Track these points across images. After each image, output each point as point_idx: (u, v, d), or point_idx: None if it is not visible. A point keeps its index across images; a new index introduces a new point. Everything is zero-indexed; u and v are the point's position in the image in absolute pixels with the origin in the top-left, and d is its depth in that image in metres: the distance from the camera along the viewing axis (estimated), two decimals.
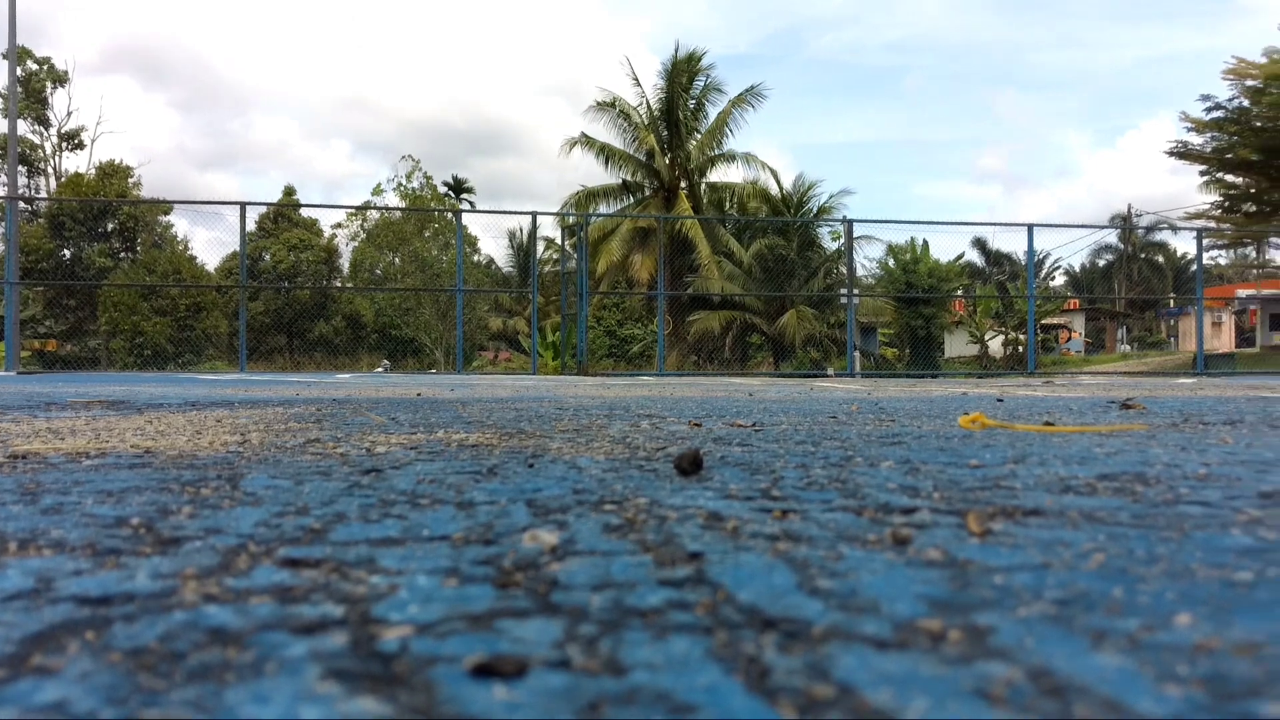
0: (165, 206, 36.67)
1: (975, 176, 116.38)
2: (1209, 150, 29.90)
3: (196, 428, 3.17)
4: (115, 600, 0.74)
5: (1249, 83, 27.85)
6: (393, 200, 39.23)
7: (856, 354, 31.91)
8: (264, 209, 36.05)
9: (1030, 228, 18.84)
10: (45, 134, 38.97)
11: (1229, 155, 29.33)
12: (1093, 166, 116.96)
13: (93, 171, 34.34)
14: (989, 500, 1.28)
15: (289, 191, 38.06)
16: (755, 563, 0.84)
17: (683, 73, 32.97)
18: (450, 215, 39.21)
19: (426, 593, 0.75)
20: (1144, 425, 3.01)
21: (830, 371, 17.40)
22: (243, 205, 17.58)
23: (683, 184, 34.41)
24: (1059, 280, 63.24)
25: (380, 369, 21.19)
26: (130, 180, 33.41)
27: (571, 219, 26.80)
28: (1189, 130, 29.83)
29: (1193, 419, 3.39)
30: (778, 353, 32.86)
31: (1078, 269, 62.73)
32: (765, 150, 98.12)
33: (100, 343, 30.67)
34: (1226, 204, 32.14)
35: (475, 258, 44.77)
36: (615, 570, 0.82)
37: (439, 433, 2.86)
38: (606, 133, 33.72)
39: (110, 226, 31.95)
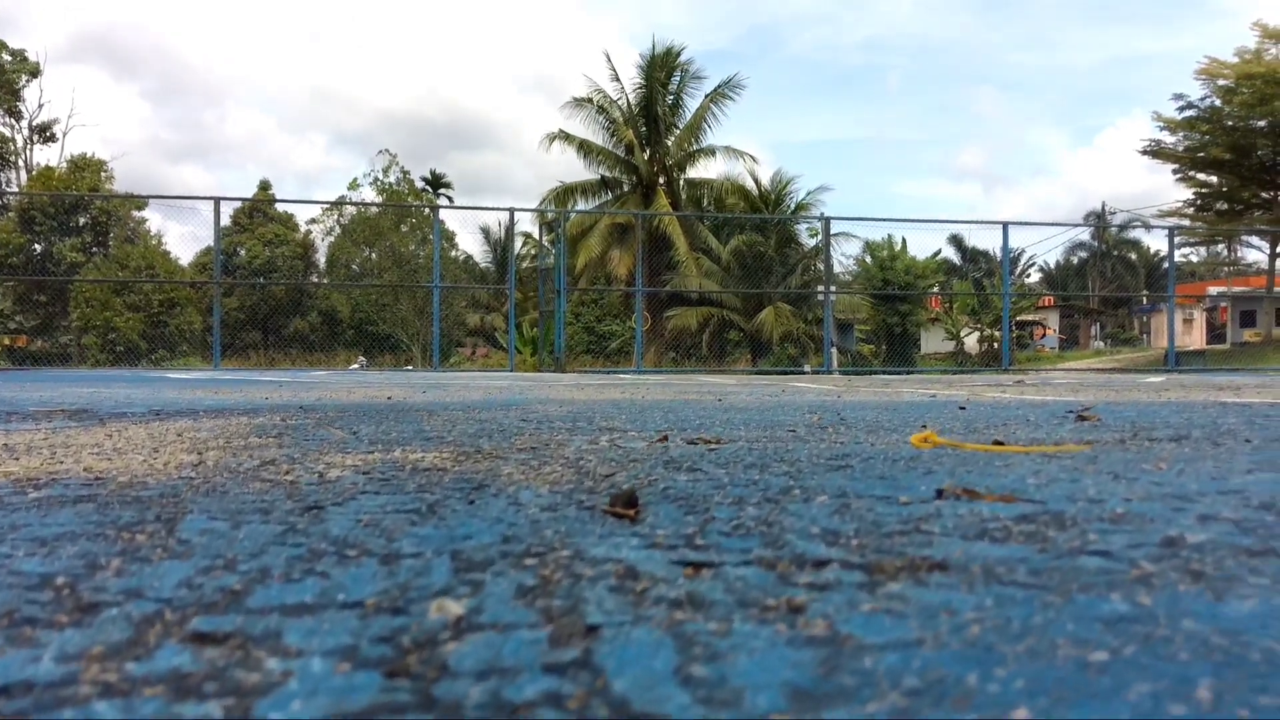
0: (139, 201, 36.30)
1: (953, 175, 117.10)
2: (1182, 149, 30.28)
3: (156, 443, 3.18)
4: (13, 692, 0.77)
5: (1221, 82, 28.18)
6: (369, 195, 39.04)
7: (834, 350, 32.15)
8: (239, 204, 35.73)
9: (1005, 226, 19.04)
10: (16, 126, 38.49)
11: (1201, 154, 29.71)
12: (1070, 164, 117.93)
13: (64, 165, 33.93)
14: (903, 549, 1.33)
15: (264, 186, 37.80)
16: (646, 640, 0.88)
17: (660, 68, 33.00)
18: (427, 210, 39.04)
19: (316, 682, 0.78)
20: (1088, 445, 3.07)
21: (806, 369, 17.51)
22: (217, 200, 17.48)
23: (661, 180, 34.45)
24: (1034, 277, 63.83)
25: (356, 365, 21.14)
26: (102, 174, 33.05)
27: (550, 215, 26.76)
28: (1162, 130, 30.23)
29: (1141, 434, 3.46)
30: (755, 349, 33.03)
31: (1053, 266, 63.38)
32: (744, 148, 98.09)
33: (72, 338, 30.36)
34: (1199, 202, 32.57)
35: (453, 253, 44.61)
36: (508, 651, 0.85)
37: (396, 451, 2.89)
38: (585, 128, 33.75)
39: (82, 221, 31.61)
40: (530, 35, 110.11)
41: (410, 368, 20.49)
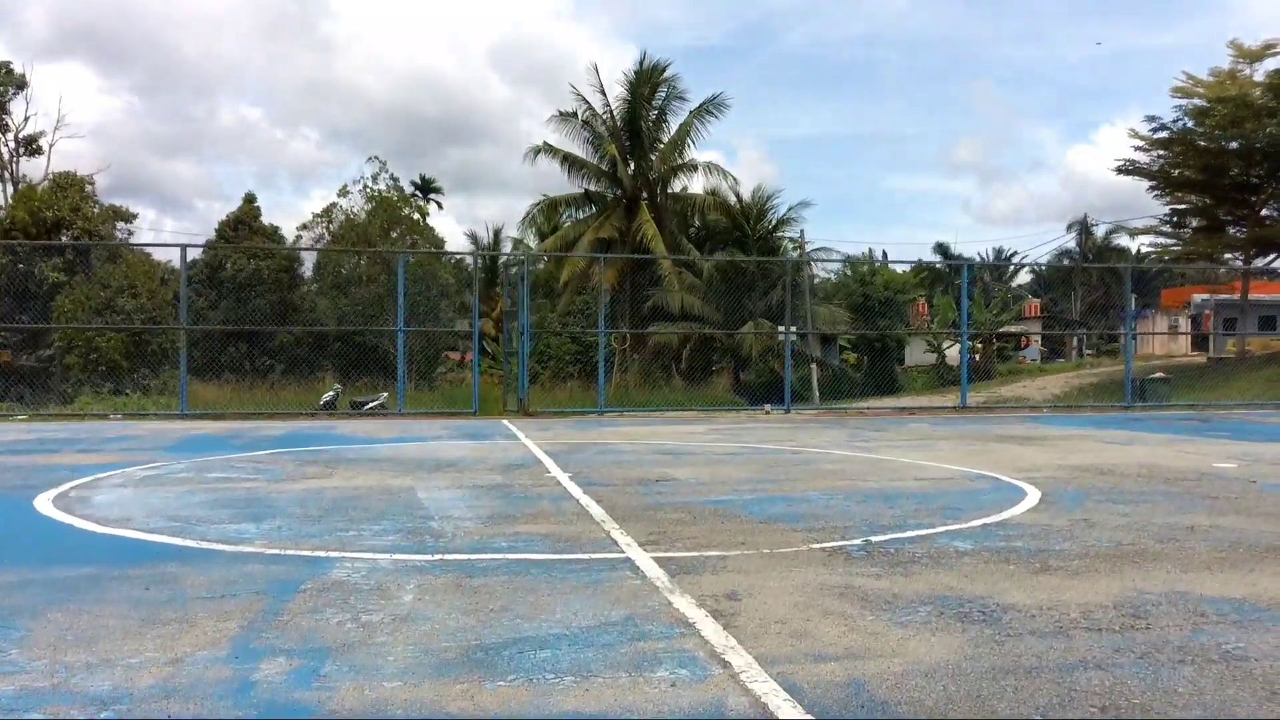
0: (124, 214, 36.40)
1: (949, 170, 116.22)
2: (1155, 169, 30.34)
3: None
4: None
5: (1195, 103, 28.24)
6: (359, 201, 39.21)
7: (813, 367, 32.37)
8: (224, 212, 35.94)
9: (968, 266, 19.21)
10: (2, 140, 38.62)
11: (1174, 173, 29.80)
12: (1066, 159, 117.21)
13: (46, 183, 34.12)
14: None
15: (249, 199, 38.00)
16: None
17: (645, 83, 33.13)
18: (412, 223, 39.41)
19: None
20: None
21: (766, 408, 17.65)
22: (183, 247, 17.70)
23: (644, 194, 34.66)
24: (1025, 279, 63.99)
25: (330, 394, 21.28)
26: (86, 189, 33.19)
27: (513, 266, 26.91)
28: (1136, 149, 30.28)
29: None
30: (737, 364, 33.24)
31: (1043, 266, 63.57)
32: (739, 145, 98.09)
33: (54, 353, 30.56)
34: (1175, 219, 32.69)
35: (444, 257, 44.95)
36: None
37: None
38: (570, 141, 33.90)
39: (64, 237, 31.83)
40: (527, 31, 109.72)
41: (384, 396, 20.64)
